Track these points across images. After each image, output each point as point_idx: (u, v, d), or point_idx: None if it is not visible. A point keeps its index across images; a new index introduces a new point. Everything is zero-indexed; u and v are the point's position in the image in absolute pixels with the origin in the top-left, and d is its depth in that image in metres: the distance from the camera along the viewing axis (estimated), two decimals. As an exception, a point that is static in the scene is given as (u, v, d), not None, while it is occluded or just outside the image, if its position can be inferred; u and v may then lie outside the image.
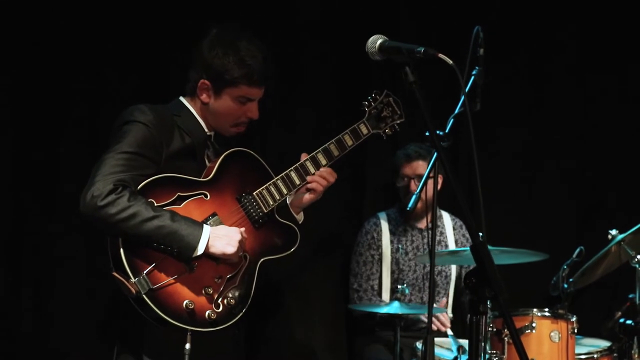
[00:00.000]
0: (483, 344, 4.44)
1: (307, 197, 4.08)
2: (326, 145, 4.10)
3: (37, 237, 5.17)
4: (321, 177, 4.05)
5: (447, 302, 5.69)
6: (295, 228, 4.06)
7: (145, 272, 3.60)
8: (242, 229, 3.82)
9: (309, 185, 4.05)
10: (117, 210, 3.56)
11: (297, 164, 4.05)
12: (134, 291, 3.57)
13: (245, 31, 3.93)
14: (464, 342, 4.84)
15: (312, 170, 4.07)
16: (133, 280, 3.57)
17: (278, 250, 4.00)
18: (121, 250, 3.60)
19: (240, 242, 3.76)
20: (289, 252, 4.03)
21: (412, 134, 5.37)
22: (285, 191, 3.99)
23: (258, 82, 3.91)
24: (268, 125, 5.61)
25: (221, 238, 3.72)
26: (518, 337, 3.08)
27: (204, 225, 3.72)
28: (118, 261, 3.60)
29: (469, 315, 3.10)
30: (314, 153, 4.08)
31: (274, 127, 5.69)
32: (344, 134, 4.14)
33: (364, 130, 4.18)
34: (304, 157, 4.08)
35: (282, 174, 4.01)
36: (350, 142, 4.14)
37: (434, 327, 5.50)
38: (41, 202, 5.17)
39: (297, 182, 4.02)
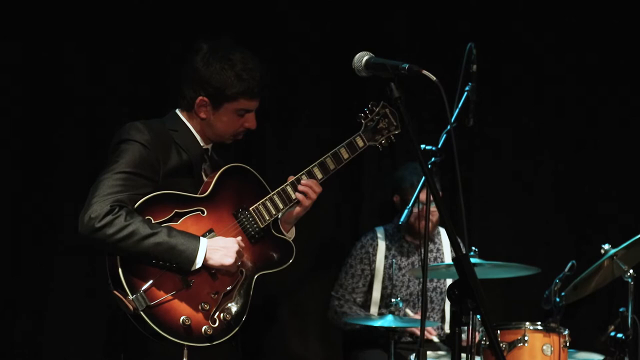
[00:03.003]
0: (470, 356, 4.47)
1: (295, 211, 4.06)
2: (322, 159, 4.08)
3: (35, 249, 5.22)
4: (308, 188, 4.02)
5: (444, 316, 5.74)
6: (291, 242, 4.07)
7: (142, 289, 3.63)
8: (239, 238, 3.83)
9: (297, 196, 4.02)
10: (114, 231, 3.59)
11: (293, 179, 4.04)
12: (131, 308, 3.60)
13: (236, 44, 3.93)
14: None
15: None
16: (131, 297, 3.60)
17: (274, 264, 4.01)
18: (119, 268, 3.63)
19: (238, 252, 3.77)
20: (284, 267, 4.03)
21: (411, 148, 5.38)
22: (281, 206, 3.99)
23: (257, 95, 3.92)
24: (265, 140, 5.67)
25: (218, 250, 3.74)
26: (499, 347, 3.10)
27: (201, 238, 3.74)
28: (116, 279, 3.63)
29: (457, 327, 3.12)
30: (310, 167, 4.06)
31: (270, 142, 5.73)
32: (340, 147, 4.11)
33: (360, 143, 4.15)
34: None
35: (279, 188, 4.00)
36: (346, 156, 4.11)
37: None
38: (41, 214, 5.24)
39: (293, 196, 4.02)
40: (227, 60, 3.85)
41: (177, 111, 3.98)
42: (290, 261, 4.03)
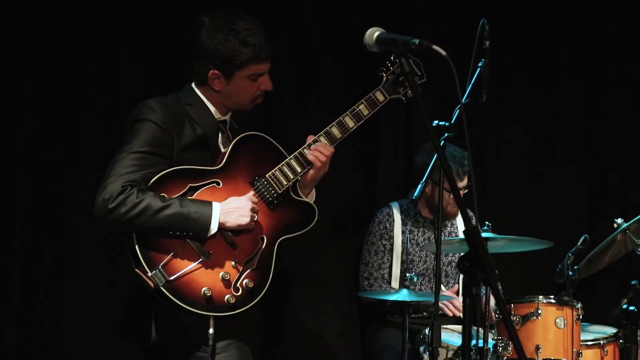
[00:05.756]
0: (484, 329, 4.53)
1: (309, 175, 4.03)
2: (340, 117, 4.04)
3: (55, 228, 5.27)
4: (317, 152, 4.00)
5: (459, 289, 5.77)
6: (312, 204, 4.06)
7: (160, 265, 3.70)
8: (251, 194, 3.87)
9: (309, 158, 3.99)
10: (127, 209, 3.65)
11: (311, 140, 4.03)
12: (152, 284, 3.68)
13: (237, 11, 3.94)
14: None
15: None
16: (150, 274, 3.67)
17: (296, 228, 4.01)
18: (136, 246, 3.70)
19: (252, 209, 3.81)
20: (307, 229, 4.03)
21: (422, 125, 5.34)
22: (299, 169, 3.98)
23: (265, 58, 3.93)
24: (281, 109, 5.69)
25: (233, 211, 3.77)
26: (509, 318, 3.13)
27: (214, 203, 3.77)
28: (135, 257, 3.71)
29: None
30: (327, 127, 4.04)
31: (288, 108, 5.75)
32: (359, 104, 4.07)
33: (381, 98, 4.10)
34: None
35: (295, 152, 4.00)
36: (366, 112, 4.06)
37: (449, 313, 5.59)
38: (60, 195, 5.29)
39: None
40: (229, 29, 3.86)
41: (193, 85, 4.02)
42: (313, 223, 4.03)
